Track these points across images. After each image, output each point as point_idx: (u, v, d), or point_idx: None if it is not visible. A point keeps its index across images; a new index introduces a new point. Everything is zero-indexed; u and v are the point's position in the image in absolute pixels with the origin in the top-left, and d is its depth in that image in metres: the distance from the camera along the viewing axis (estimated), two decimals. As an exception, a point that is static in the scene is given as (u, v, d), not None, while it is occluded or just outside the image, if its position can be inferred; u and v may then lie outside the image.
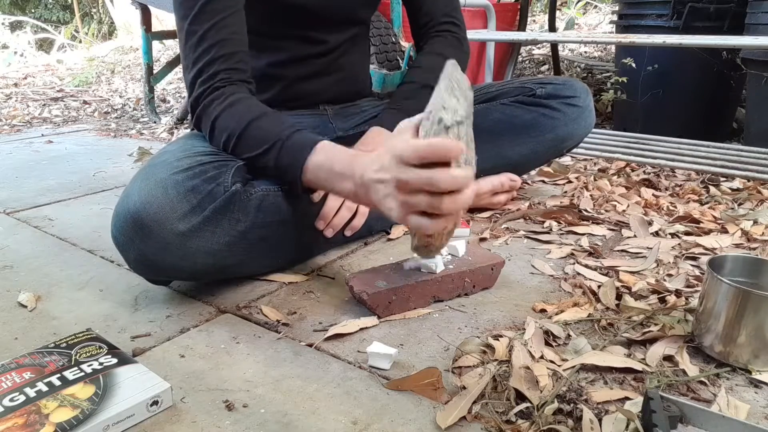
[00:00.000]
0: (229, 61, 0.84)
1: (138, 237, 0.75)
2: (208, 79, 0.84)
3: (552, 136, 1.14)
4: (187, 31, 0.85)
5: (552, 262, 0.97)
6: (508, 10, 2.35)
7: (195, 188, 0.77)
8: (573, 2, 4.12)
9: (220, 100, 0.83)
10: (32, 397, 0.58)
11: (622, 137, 1.72)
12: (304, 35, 1.00)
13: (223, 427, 0.59)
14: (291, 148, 0.78)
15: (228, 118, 0.82)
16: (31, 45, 5.01)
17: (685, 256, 0.98)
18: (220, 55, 0.84)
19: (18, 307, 0.84)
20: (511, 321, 0.78)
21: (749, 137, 1.76)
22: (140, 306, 0.84)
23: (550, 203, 1.24)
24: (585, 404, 0.60)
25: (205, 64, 0.84)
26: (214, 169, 0.80)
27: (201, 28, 0.84)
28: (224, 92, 0.83)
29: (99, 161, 1.75)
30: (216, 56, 0.84)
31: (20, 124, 2.38)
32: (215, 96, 0.84)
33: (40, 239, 1.11)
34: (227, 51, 0.84)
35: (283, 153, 0.79)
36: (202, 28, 0.83)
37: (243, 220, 0.81)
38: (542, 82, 1.14)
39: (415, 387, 0.64)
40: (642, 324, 0.76)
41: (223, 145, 0.84)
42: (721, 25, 1.79)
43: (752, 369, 0.66)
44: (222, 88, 0.84)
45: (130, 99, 3.00)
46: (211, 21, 0.83)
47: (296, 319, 0.80)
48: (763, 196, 1.27)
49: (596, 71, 2.76)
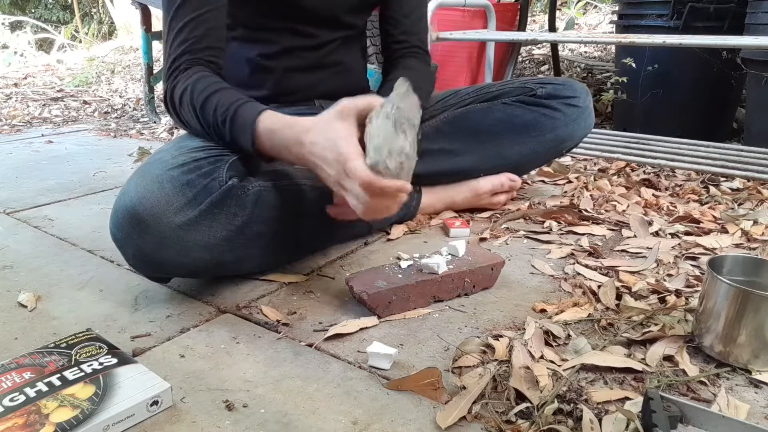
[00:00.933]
0: (199, 53, 0.86)
1: (135, 232, 0.75)
2: (176, 69, 0.86)
3: (552, 137, 1.14)
4: (168, 27, 0.87)
5: (552, 262, 0.97)
6: (508, 10, 2.35)
7: (190, 182, 0.78)
8: (573, 2, 4.12)
9: (183, 81, 0.85)
10: (32, 397, 0.58)
11: (622, 137, 1.72)
12: (293, 28, 1.00)
13: (223, 427, 0.59)
14: (238, 121, 0.80)
15: (189, 96, 0.84)
16: (31, 45, 5.01)
17: (685, 256, 0.98)
18: (192, 48, 0.86)
19: (18, 307, 0.84)
20: (511, 321, 0.78)
21: (749, 137, 1.76)
22: (140, 306, 0.84)
23: (550, 203, 1.24)
24: (585, 404, 0.60)
25: (177, 56, 0.86)
26: (209, 165, 0.81)
27: (178, 24, 0.86)
28: (187, 73, 0.85)
29: (99, 161, 1.75)
30: (187, 49, 0.86)
31: (20, 124, 2.38)
32: (180, 78, 0.85)
33: (40, 239, 1.11)
34: (199, 46, 0.86)
35: (234, 127, 0.80)
36: (179, 24, 0.86)
37: (240, 214, 0.81)
38: (542, 83, 1.14)
39: (415, 387, 0.64)
40: (642, 324, 0.76)
41: (192, 124, 0.86)
42: (721, 25, 1.79)
43: (752, 369, 0.66)
44: (186, 70, 0.85)
45: (130, 99, 3.00)
46: (188, 17, 0.85)
47: (296, 319, 0.80)
48: (763, 196, 1.27)
49: (596, 71, 2.76)
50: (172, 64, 0.86)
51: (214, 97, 0.82)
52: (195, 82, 0.83)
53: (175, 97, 0.86)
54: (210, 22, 0.87)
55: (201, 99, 0.82)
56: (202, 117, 0.83)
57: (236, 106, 0.80)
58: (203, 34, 0.86)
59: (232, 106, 0.80)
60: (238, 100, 0.81)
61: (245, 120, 0.79)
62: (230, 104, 0.80)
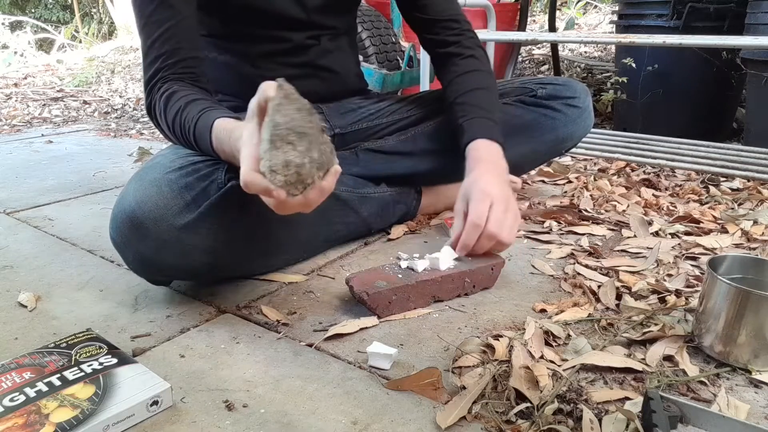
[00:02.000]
0: (171, 69, 0.84)
1: (135, 237, 0.75)
2: (152, 87, 0.84)
3: (552, 137, 1.14)
4: (141, 39, 0.86)
5: (552, 262, 0.97)
6: (508, 10, 2.35)
7: (189, 185, 0.77)
8: (573, 2, 4.12)
9: (158, 99, 0.83)
10: (32, 397, 0.58)
11: (622, 137, 1.72)
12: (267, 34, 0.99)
13: (223, 427, 0.59)
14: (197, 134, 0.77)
15: (162, 113, 0.82)
16: (31, 45, 5.01)
17: (685, 256, 0.98)
18: (164, 65, 0.84)
19: (18, 307, 0.84)
20: (511, 321, 0.78)
21: (749, 137, 1.76)
22: (140, 306, 0.84)
23: (550, 203, 1.24)
24: (585, 404, 0.60)
25: (151, 75, 0.84)
26: (207, 167, 0.80)
27: (149, 38, 0.84)
28: (161, 91, 0.83)
29: (99, 161, 1.75)
30: (160, 67, 0.84)
31: (20, 124, 2.38)
32: (155, 97, 0.84)
33: (40, 239, 1.11)
34: (171, 61, 0.84)
35: (198, 140, 0.78)
36: (149, 39, 0.84)
37: (239, 217, 0.81)
38: (542, 83, 1.14)
39: (415, 387, 0.64)
40: (642, 324, 0.76)
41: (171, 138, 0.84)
42: (721, 25, 1.79)
43: (752, 369, 0.66)
44: (160, 89, 0.83)
45: (130, 99, 3.00)
46: (156, 32, 0.83)
47: (296, 319, 0.80)
48: (763, 196, 1.27)
49: (596, 71, 2.76)
50: (148, 82, 0.85)
51: (182, 113, 0.80)
52: (167, 99, 0.82)
53: (154, 112, 0.85)
54: (180, 35, 0.84)
55: (171, 115, 0.81)
56: (176, 132, 0.82)
57: (195, 119, 0.78)
58: (174, 48, 0.84)
59: (192, 120, 0.78)
60: (197, 113, 0.78)
61: (201, 133, 0.77)
62: (192, 118, 0.78)
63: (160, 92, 0.83)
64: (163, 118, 0.82)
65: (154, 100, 0.84)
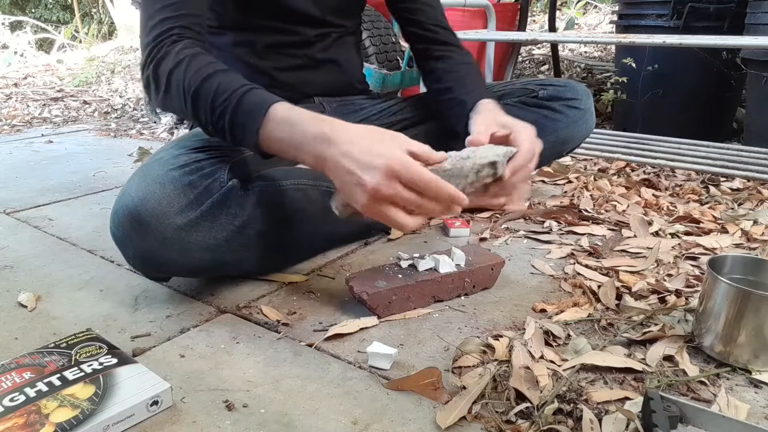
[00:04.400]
0: (184, 19, 0.79)
1: (136, 232, 0.75)
2: (160, 36, 0.77)
3: (553, 138, 1.14)
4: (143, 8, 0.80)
5: (552, 262, 0.97)
6: (508, 10, 2.35)
7: (192, 183, 0.78)
8: (573, 2, 4.12)
9: (173, 54, 0.76)
10: (32, 397, 0.58)
11: (622, 137, 1.72)
12: (278, 26, 0.99)
13: (223, 427, 0.59)
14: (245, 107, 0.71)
15: (182, 73, 0.75)
16: (31, 45, 5.01)
17: (685, 256, 0.98)
18: (177, 14, 0.78)
19: (18, 307, 0.84)
20: (511, 321, 0.78)
21: (749, 137, 1.76)
22: (140, 306, 0.84)
23: (550, 203, 1.25)
24: (585, 404, 0.60)
25: (159, 22, 0.78)
26: (211, 165, 0.81)
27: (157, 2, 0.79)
28: (178, 47, 0.76)
29: (99, 161, 1.75)
30: (171, 15, 0.78)
31: (20, 124, 2.38)
32: (168, 51, 0.76)
33: (40, 239, 1.11)
34: (184, 12, 0.79)
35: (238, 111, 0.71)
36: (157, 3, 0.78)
37: (240, 215, 0.81)
38: (544, 84, 1.14)
39: (415, 387, 0.64)
40: (642, 324, 0.76)
41: (179, 104, 0.76)
42: (721, 25, 1.79)
43: (752, 369, 0.66)
44: (176, 43, 0.77)
45: (130, 99, 3.00)
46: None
47: (296, 319, 0.80)
48: (763, 196, 1.28)
49: (596, 71, 2.76)
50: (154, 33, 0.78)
51: (214, 78, 0.73)
52: (191, 59, 0.75)
53: (160, 71, 0.76)
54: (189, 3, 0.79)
55: (198, 78, 0.73)
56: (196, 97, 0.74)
57: (244, 90, 0.72)
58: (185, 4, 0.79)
59: (238, 90, 0.72)
60: (244, 85, 0.72)
61: (254, 106, 0.71)
62: (236, 89, 0.72)
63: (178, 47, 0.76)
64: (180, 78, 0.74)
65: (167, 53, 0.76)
